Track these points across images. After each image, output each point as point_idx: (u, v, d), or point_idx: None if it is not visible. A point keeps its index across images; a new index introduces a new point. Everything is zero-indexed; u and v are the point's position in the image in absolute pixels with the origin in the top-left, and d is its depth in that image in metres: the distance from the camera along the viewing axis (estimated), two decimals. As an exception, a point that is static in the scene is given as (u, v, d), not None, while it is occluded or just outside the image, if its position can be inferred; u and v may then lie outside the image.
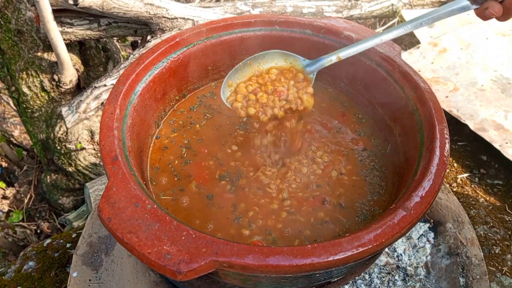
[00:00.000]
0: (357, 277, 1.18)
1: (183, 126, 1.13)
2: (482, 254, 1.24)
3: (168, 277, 0.97)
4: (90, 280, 1.12)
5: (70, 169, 2.36)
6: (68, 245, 1.42)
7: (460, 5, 0.91)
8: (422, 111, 0.92)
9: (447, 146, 0.83)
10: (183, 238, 0.67)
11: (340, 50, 0.98)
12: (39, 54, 2.05)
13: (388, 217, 0.72)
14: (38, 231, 2.57)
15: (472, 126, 1.78)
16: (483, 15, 0.88)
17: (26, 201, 2.67)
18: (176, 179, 0.99)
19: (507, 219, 1.62)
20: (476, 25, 2.29)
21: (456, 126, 1.88)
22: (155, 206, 0.71)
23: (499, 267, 1.49)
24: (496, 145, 1.71)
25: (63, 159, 2.33)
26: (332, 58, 0.99)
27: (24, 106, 2.19)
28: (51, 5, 1.76)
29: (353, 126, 1.13)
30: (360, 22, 3.25)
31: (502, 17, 0.88)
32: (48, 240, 1.45)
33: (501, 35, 2.25)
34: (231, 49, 1.16)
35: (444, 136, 0.85)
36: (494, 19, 0.91)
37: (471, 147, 1.89)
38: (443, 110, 1.83)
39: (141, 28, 2.08)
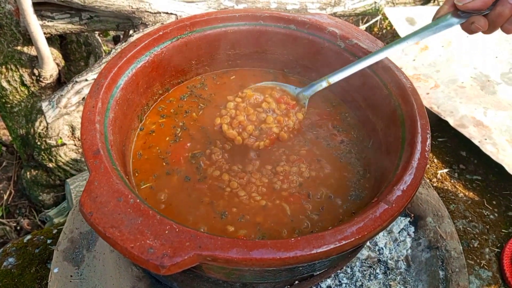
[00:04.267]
0: (339, 271, 1.19)
1: (176, 114, 1.14)
2: (461, 247, 1.27)
3: (151, 271, 0.97)
4: (71, 276, 1.11)
5: (50, 165, 2.33)
6: (48, 241, 1.40)
7: (446, 22, 0.93)
8: (404, 106, 0.93)
9: (428, 141, 0.85)
10: (167, 232, 0.67)
11: (329, 75, 1.02)
12: (19, 48, 2.01)
13: (370, 210, 0.73)
14: (18, 227, 2.53)
15: (452, 122, 1.81)
16: (469, 30, 0.90)
17: (5, 197, 2.62)
18: (160, 163, 1.00)
19: (485, 214, 1.66)
20: (456, 23, 2.33)
21: (437, 123, 1.91)
22: (138, 200, 0.71)
23: (478, 261, 1.52)
24: (475, 141, 1.74)
25: (43, 154, 2.29)
26: (322, 84, 1.03)
27: (4, 101, 2.15)
28: (31, -2, 1.73)
29: (334, 123, 1.14)
30: (343, 19, 3.27)
31: (488, 31, 0.90)
32: (29, 236, 1.43)
33: (481, 33, 2.30)
34: (215, 43, 1.16)
35: (425, 131, 0.86)
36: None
37: (451, 143, 1.92)
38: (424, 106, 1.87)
39: (123, 22, 2.06)
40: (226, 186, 0.96)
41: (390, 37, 2.81)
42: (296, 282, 0.92)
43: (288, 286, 0.92)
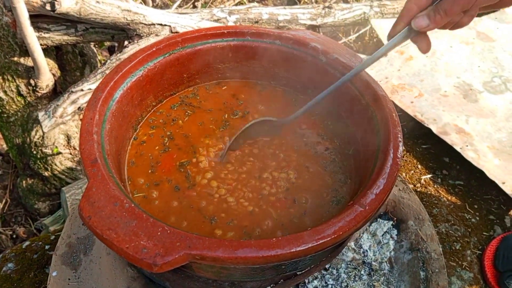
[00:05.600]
0: (325, 273, 1.25)
1: (164, 123, 1.20)
2: (441, 249, 1.33)
3: (145, 270, 1.03)
4: (69, 279, 1.16)
5: (46, 173, 2.36)
6: (47, 247, 1.45)
7: (400, 38, 0.97)
8: (380, 116, 1.00)
9: (400, 148, 0.91)
10: (159, 233, 0.73)
11: (303, 108, 1.12)
12: (15, 59, 2.05)
13: (346, 212, 0.79)
14: (14, 236, 2.56)
15: (435, 130, 1.88)
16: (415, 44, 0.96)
17: (1, 206, 2.65)
18: (150, 171, 1.06)
19: (467, 217, 1.73)
20: (440, 34, 2.41)
21: (421, 130, 1.98)
22: (133, 205, 0.77)
23: (460, 262, 1.59)
24: (457, 148, 1.81)
25: (39, 163, 2.33)
26: (296, 115, 1.12)
27: (0, 110, 2.19)
28: (28, 11, 1.78)
29: (319, 131, 1.21)
30: (334, 29, 3.35)
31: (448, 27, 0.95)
32: (27, 242, 1.48)
33: (464, 44, 2.38)
34: (206, 58, 1.22)
35: (397, 140, 0.93)
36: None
37: (434, 149, 2.00)
38: (408, 114, 1.95)
39: (118, 33, 2.11)
40: (215, 192, 1.02)
41: (381, 46, 2.89)
42: (281, 281, 0.98)
43: (274, 285, 0.98)
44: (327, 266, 1.25)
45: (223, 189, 1.03)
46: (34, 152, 2.29)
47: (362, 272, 1.28)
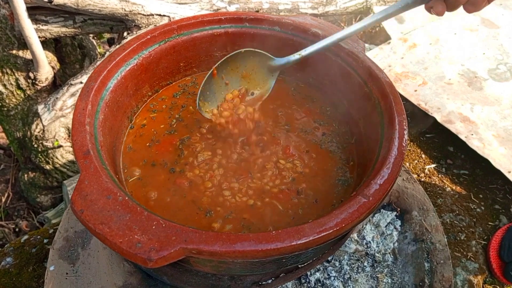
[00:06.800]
0: (327, 265, 1.22)
1: (170, 108, 1.18)
2: (445, 239, 1.31)
3: (140, 265, 1.01)
4: (67, 273, 1.14)
5: (47, 167, 2.35)
6: (45, 241, 1.43)
7: (412, 0, 0.95)
8: (383, 104, 0.97)
9: (406, 137, 0.88)
10: (154, 227, 0.70)
11: (303, 50, 1.04)
12: (14, 52, 2.03)
13: (349, 203, 0.76)
14: (17, 229, 2.56)
15: (439, 118, 1.85)
16: (430, 11, 0.94)
17: (3, 200, 2.65)
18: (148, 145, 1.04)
19: (472, 207, 1.70)
20: (444, 21, 2.37)
21: (425, 119, 1.95)
22: (126, 198, 0.74)
23: (464, 253, 1.56)
24: (462, 137, 1.78)
25: (41, 157, 2.32)
26: (296, 57, 1.04)
27: (0, 104, 2.18)
28: (26, 3, 1.75)
29: (318, 117, 1.18)
30: (335, 18, 3.30)
31: (449, 9, 0.92)
32: (26, 236, 1.46)
33: (469, 30, 2.34)
34: (203, 45, 1.19)
35: (403, 128, 0.89)
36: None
37: (438, 138, 1.96)
38: (412, 103, 1.91)
39: (117, 25, 2.09)
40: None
41: (384, 34, 2.84)
42: (282, 274, 0.96)
43: (274, 278, 0.96)
44: (329, 258, 1.23)
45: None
46: (35, 146, 2.28)
47: (365, 264, 1.26)
